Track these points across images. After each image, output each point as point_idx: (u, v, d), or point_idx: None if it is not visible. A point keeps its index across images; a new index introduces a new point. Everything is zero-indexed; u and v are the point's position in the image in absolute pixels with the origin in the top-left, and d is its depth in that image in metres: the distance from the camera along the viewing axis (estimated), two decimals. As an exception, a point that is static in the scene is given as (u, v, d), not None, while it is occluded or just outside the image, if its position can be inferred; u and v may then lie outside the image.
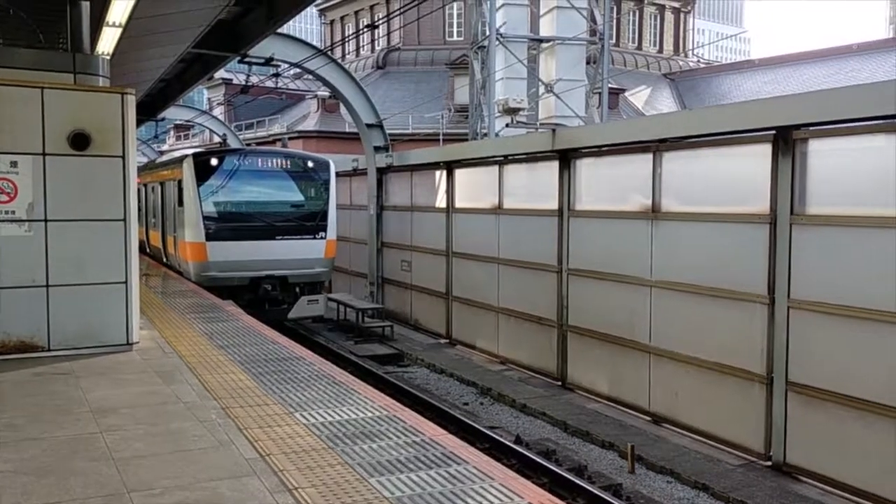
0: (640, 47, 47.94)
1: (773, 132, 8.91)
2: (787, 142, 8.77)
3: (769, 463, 9.05)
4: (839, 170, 8.46)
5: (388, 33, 41.95)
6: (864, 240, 7.97)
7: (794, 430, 8.77)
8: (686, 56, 51.07)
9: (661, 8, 49.23)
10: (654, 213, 10.73)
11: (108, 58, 9.94)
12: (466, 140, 23.43)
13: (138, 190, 20.47)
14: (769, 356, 9.03)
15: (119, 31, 9.85)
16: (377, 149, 19.27)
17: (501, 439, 9.94)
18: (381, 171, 19.48)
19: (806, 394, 8.61)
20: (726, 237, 9.62)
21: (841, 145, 8.44)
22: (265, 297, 15.73)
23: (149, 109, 24.70)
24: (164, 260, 18.66)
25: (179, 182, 16.24)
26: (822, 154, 8.59)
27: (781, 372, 8.87)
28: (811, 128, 8.58)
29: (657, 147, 10.68)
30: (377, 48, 44.45)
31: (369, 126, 19.27)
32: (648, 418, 10.88)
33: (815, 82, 33.45)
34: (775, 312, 8.95)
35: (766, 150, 9.04)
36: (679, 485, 8.90)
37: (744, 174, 9.48)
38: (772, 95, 15.31)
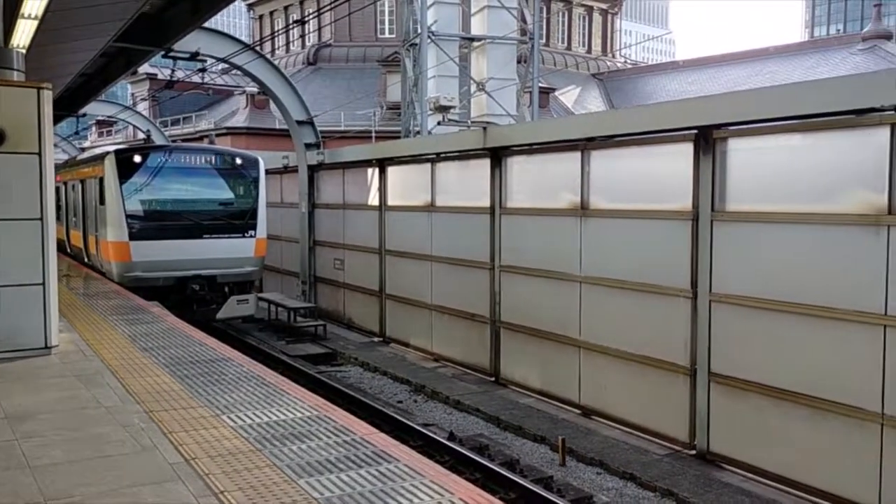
0: (569, 47, 48.74)
1: (695, 131, 9.19)
2: (707, 141, 9.05)
3: (694, 452, 9.34)
4: (757, 168, 8.78)
5: (319, 29, 41.49)
6: (780, 235, 8.29)
7: (717, 420, 9.07)
8: (614, 57, 52.17)
9: (590, 9, 50.16)
10: (582, 210, 10.93)
11: (24, 51, 9.53)
12: (399, 138, 23.40)
13: (57, 188, 19.77)
14: (693, 349, 9.32)
15: (35, 23, 9.43)
16: (308, 146, 19.05)
17: (435, 436, 9.96)
18: (313, 169, 19.27)
19: (728, 384, 8.91)
20: (651, 234, 9.87)
21: (758, 144, 8.76)
22: (193, 298, 15.35)
23: (69, 105, 23.76)
24: (86, 260, 18.02)
25: (101, 180, 15.70)
26: (741, 153, 8.90)
27: (704, 364, 9.16)
28: (730, 127, 8.87)
29: (585, 146, 10.87)
30: (308, 44, 43.92)
31: (300, 123, 19.03)
32: (579, 411, 11.08)
33: (735, 83, 34.65)
34: (698, 306, 9.23)
35: (688, 148, 9.31)
36: (608, 475, 9.10)
37: (668, 172, 9.74)
38: (695, 96, 15.76)
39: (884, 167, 7.30)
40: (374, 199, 16.89)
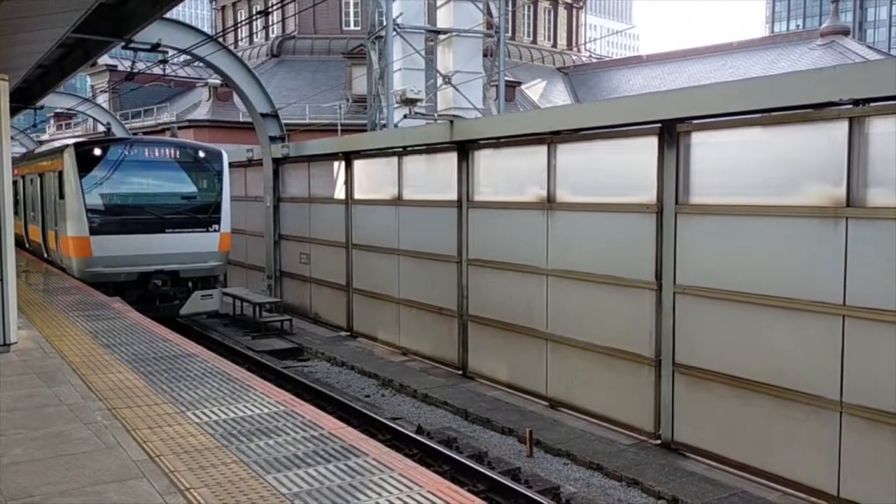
0: (535, 41, 48.91)
1: (659, 125, 9.28)
2: (671, 134, 9.15)
3: (659, 442, 9.46)
4: (720, 161, 8.90)
5: (283, 20, 41.06)
6: (742, 227, 8.42)
7: (681, 410, 9.20)
8: (579, 51, 52.48)
9: (555, 3, 50.37)
10: (549, 203, 10.98)
11: (-23, 40, 9.27)
12: (365, 131, 23.26)
13: (15, 182, 19.32)
14: (657, 340, 9.43)
15: (-12, 11, 9.18)
16: (273, 139, 18.86)
17: (403, 430, 9.96)
18: (278, 162, 19.08)
19: (691, 374, 9.04)
20: (617, 226, 9.96)
21: (721, 138, 8.89)
22: (155, 293, 15.13)
23: (26, 97, 23.16)
24: (46, 255, 17.65)
25: (60, 173, 15.38)
26: (705, 146, 9.01)
27: (668, 354, 9.28)
28: (694, 121, 8.98)
29: (552, 139, 10.92)
30: (272, 35, 43.44)
31: (264, 116, 18.82)
32: (546, 403, 11.16)
33: (699, 77, 35.11)
34: (662, 298, 9.34)
35: (652, 142, 9.40)
36: (575, 466, 9.18)
37: (633, 165, 9.83)
38: (658, 90, 15.92)
39: (842, 160, 7.45)
40: (340, 193, 16.79)
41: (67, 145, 15.71)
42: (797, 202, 7.87)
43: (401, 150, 14.63)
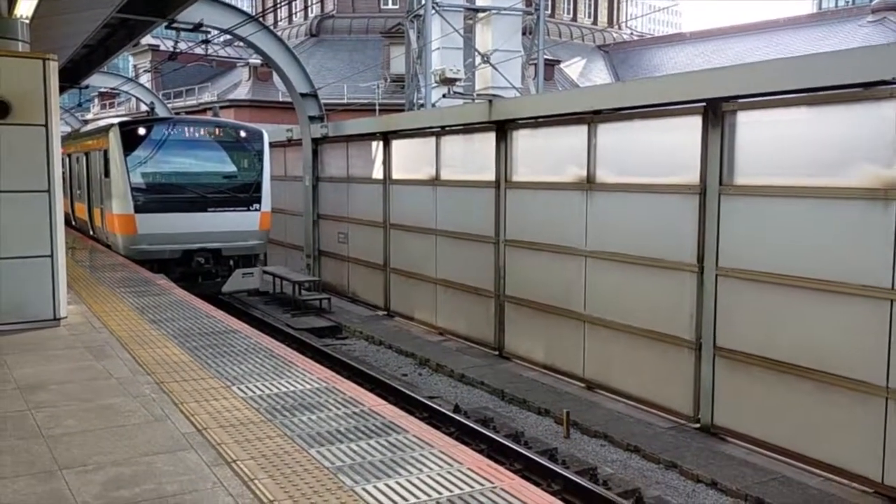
0: (574, 19, 48.28)
1: (703, 104, 9.13)
2: (716, 114, 8.99)
3: (698, 425, 9.41)
4: (766, 141, 8.73)
5: (322, 0, 41.11)
6: (787, 209, 8.27)
7: (721, 393, 9.12)
8: (620, 28, 51.67)
9: (596, -20, 49.57)
10: (588, 183, 10.90)
11: (28, 22, 9.47)
12: (403, 110, 23.26)
13: (62, 160, 19.75)
14: (698, 322, 9.34)
15: (38, -8, 9.37)
16: (312, 119, 18.97)
17: (440, 408, 10.04)
18: (317, 142, 19.20)
19: (732, 358, 8.95)
20: (658, 208, 9.85)
21: (767, 117, 8.71)
22: (198, 271, 15.42)
23: (72, 76, 23.65)
24: (91, 233, 18.07)
25: (106, 152, 15.68)
26: (750, 126, 8.85)
27: (709, 337, 9.19)
28: (739, 100, 8.82)
29: (592, 119, 10.82)
30: (311, 15, 43.53)
31: (303, 95, 18.93)
32: (583, 385, 11.15)
33: (743, 55, 34.32)
34: (704, 280, 9.24)
35: (696, 121, 9.26)
36: (612, 448, 9.18)
37: (675, 145, 9.70)
38: (702, 68, 15.64)
39: (892, 140, 7.26)
40: (378, 173, 16.86)
41: (112, 124, 16.00)
42: (845, 183, 7.71)
43: (439, 129, 14.62)
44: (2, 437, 5.02)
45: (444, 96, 21.64)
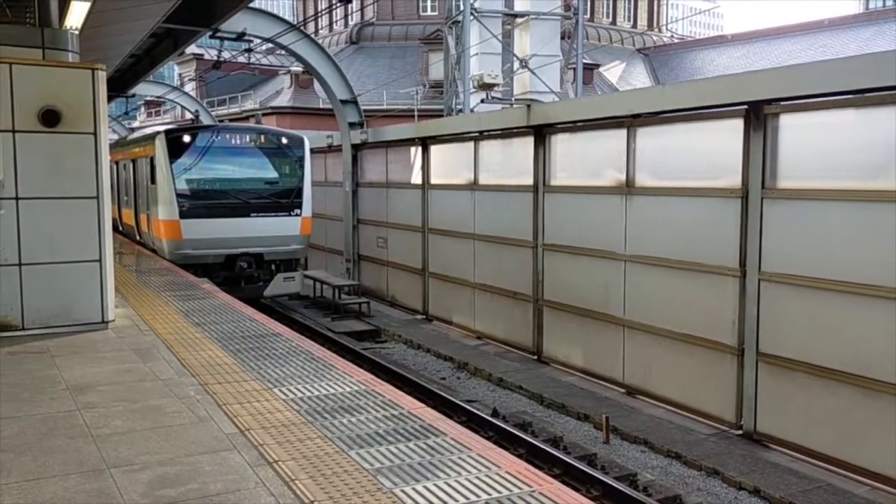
0: (614, 22, 47.93)
1: (745, 107, 9.01)
2: (758, 116, 8.87)
3: (740, 431, 9.27)
4: (810, 144, 8.59)
5: (362, 8, 41.48)
6: (831, 213, 8.12)
7: (765, 400, 8.97)
8: (660, 31, 51.15)
9: (636, -18, 49.15)
10: (627, 187, 10.83)
11: (77, 32, 9.76)
12: (441, 116, 23.36)
13: (110, 167, 20.25)
14: (740, 328, 9.21)
15: (88, 4, 9.66)
16: (352, 125, 19.16)
17: (478, 412, 10.06)
18: (356, 148, 19.39)
19: (776, 364, 8.80)
20: (699, 211, 9.75)
21: (811, 120, 8.57)
22: (241, 275, 15.69)
23: (119, 85, 24.28)
24: (138, 238, 18.49)
25: (152, 159, 16.05)
26: (793, 129, 8.71)
27: (752, 343, 9.05)
28: (782, 102, 8.69)
29: (631, 122, 10.75)
30: (350, 23, 43.96)
31: (343, 102, 19.13)
32: (623, 390, 11.06)
33: (787, 57, 33.72)
34: (746, 285, 9.11)
35: (737, 124, 9.14)
36: (652, 454, 9.09)
37: (716, 149, 9.59)
38: (744, 70, 15.43)
39: (943, 143, 7.10)
40: (417, 178, 16.95)
41: (158, 132, 16.38)
42: (892, 186, 7.53)
43: (477, 134, 14.66)
44: (52, 436, 5.18)
45: (482, 101, 21.70)
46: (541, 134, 12.67)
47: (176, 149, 15.39)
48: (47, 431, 5.27)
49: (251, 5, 15.32)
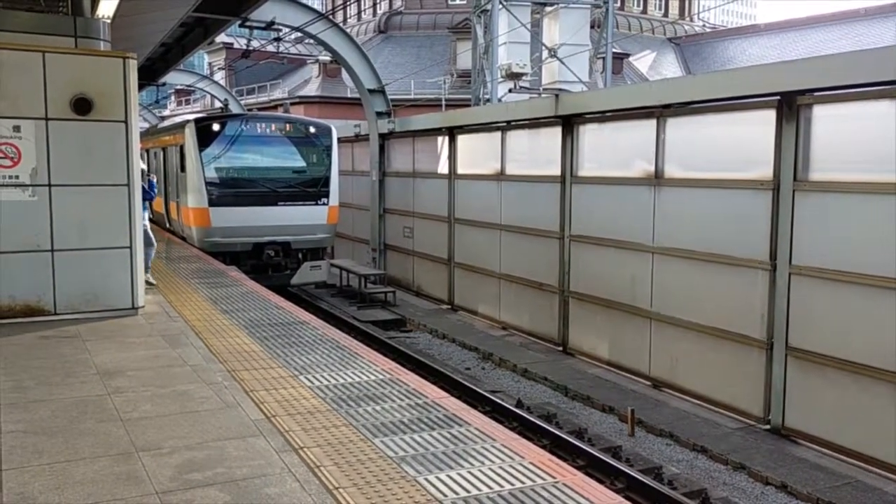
0: (644, 11, 47.34)
1: (778, 98, 8.87)
2: (791, 107, 8.73)
3: (768, 426, 9.17)
4: (842, 136, 8.43)
5: (390, -4, 41.46)
6: (865, 206, 7.97)
7: (793, 394, 8.87)
8: (691, 20, 50.43)
9: (667, -29, 48.48)
10: (656, 179, 10.72)
11: (109, 21, 9.87)
12: (469, 105, 23.28)
13: (140, 155, 20.50)
14: (770, 322, 9.09)
15: (119, -7, 9.78)
16: (379, 114, 19.18)
17: (503, 403, 10.05)
18: (384, 137, 19.41)
19: (805, 359, 8.68)
20: (729, 204, 9.62)
21: (845, 111, 8.41)
22: (268, 263, 15.83)
23: (149, 74, 24.55)
24: (167, 225, 18.71)
25: (182, 147, 16.22)
26: (827, 120, 8.55)
27: (782, 337, 8.94)
28: (815, 93, 8.53)
29: (661, 113, 10.63)
30: (379, 12, 43.94)
31: (371, 91, 19.15)
32: (649, 383, 10.99)
33: (820, 47, 33.08)
34: (776, 278, 8.99)
35: (770, 115, 9.00)
36: (678, 447, 9.03)
37: (747, 140, 9.45)
38: (777, 60, 15.18)
39: (982, 135, 6.92)
40: (443, 168, 16.93)
41: (188, 121, 16.53)
42: (929, 179, 7.38)
43: (504, 124, 14.59)
44: (83, 419, 5.27)
45: (510, 91, 21.56)
46: (569, 124, 12.58)
47: (205, 137, 15.53)
48: (78, 415, 5.36)
49: (280, -6, 15.36)
